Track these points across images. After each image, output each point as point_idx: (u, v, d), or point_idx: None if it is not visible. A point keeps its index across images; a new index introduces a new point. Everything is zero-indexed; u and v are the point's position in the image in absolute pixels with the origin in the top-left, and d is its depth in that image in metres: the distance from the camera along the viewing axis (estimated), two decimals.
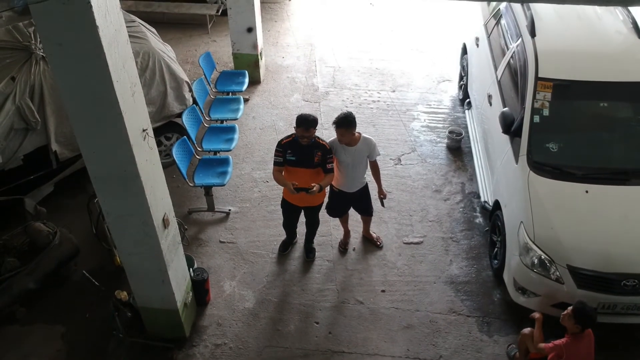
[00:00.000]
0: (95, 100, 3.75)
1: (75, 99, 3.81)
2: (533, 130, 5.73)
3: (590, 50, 6.13)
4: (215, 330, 5.66)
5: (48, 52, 3.60)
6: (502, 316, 5.80)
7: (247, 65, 8.78)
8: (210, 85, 8.05)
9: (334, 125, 5.58)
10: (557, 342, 4.76)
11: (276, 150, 5.60)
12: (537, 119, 5.75)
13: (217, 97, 7.97)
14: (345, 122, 5.52)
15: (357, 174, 5.86)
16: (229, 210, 6.91)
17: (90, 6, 3.28)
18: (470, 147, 7.61)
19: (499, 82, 6.69)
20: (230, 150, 7.05)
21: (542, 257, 5.22)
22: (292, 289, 6.10)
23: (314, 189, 5.39)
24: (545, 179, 5.54)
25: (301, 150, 5.50)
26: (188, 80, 7.16)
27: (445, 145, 7.87)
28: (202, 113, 7.44)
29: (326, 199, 6.12)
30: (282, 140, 5.63)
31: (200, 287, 5.71)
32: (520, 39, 6.38)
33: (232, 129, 7.32)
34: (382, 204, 6.21)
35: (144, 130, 4.14)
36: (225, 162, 6.83)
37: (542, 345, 4.83)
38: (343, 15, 10.84)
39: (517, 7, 6.78)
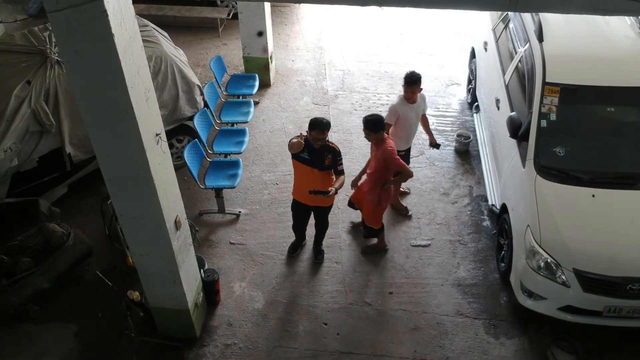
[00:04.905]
0: (110, 105, 3.84)
1: (90, 104, 3.90)
2: (540, 134, 5.77)
3: (598, 54, 6.16)
4: (225, 331, 5.75)
5: (65, 59, 3.69)
6: (509, 319, 5.85)
7: (258, 68, 8.87)
8: (221, 89, 8.15)
9: (407, 84, 6.18)
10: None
11: (301, 135, 5.53)
12: (544, 123, 5.80)
13: (227, 100, 8.06)
14: (419, 79, 6.16)
15: (416, 127, 6.57)
16: (239, 212, 7.00)
17: (107, 15, 3.37)
18: (478, 151, 7.66)
19: (506, 86, 6.74)
20: (240, 153, 7.15)
21: (549, 260, 5.27)
22: (301, 290, 6.18)
23: (331, 192, 5.49)
24: (552, 183, 5.59)
25: (313, 153, 5.59)
26: (199, 84, 7.25)
27: (453, 148, 7.92)
28: (213, 116, 7.53)
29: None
30: (305, 136, 5.58)
31: (210, 288, 5.81)
32: (528, 44, 6.43)
33: (242, 132, 7.41)
34: (438, 147, 6.96)
35: (157, 135, 4.23)
36: (235, 164, 6.92)
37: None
38: (352, 19, 10.90)
39: None
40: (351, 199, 6.52)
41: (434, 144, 6.93)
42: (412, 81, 6.21)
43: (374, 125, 5.73)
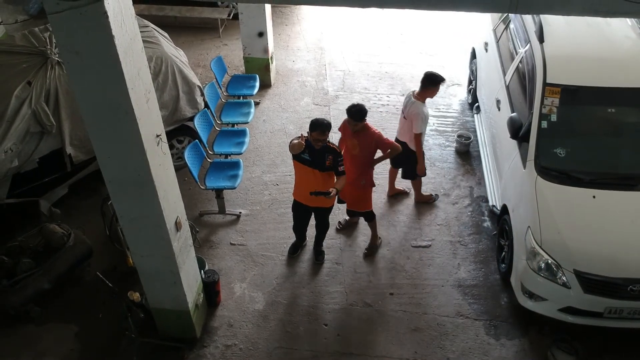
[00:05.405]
0: (110, 107, 3.84)
1: (91, 105, 3.91)
2: (541, 135, 5.77)
3: (599, 55, 6.15)
4: (225, 331, 5.76)
5: (65, 60, 3.70)
6: (509, 320, 5.85)
7: (258, 69, 8.87)
8: (221, 89, 8.14)
9: (434, 84, 6.38)
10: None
11: (302, 136, 5.57)
12: (544, 124, 5.79)
13: (228, 100, 8.06)
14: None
15: None
16: (240, 212, 7.00)
17: (107, 16, 3.37)
18: (478, 151, 7.65)
19: (507, 87, 6.73)
20: (241, 154, 7.15)
21: (549, 261, 5.27)
22: (301, 291, 6.18)
23: (332, 193, 5.49)
24: (553, 184, 5.58)
25: (314, 153, 5.59)
26: (200, 84, 7.25)
27: (454, 149, 7.91)
28: (214, 117, 7.54)
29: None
30: (306, 137, 5.60)
31: (211, 289, 5.81)
32: (528, 45, 6.42)
33: (243, 133, 7.42)
34: None
35: (157, 136, 4.23)
36: (236, 165, 6.93)
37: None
38: (353, 19, 10.89)
39: None
40: (340, 196, 6.51)
41: None
42: (439, 81, 6.40)
43: (358, 114, 5.77)
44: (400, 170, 7.03)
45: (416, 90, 6.46)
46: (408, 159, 6.67)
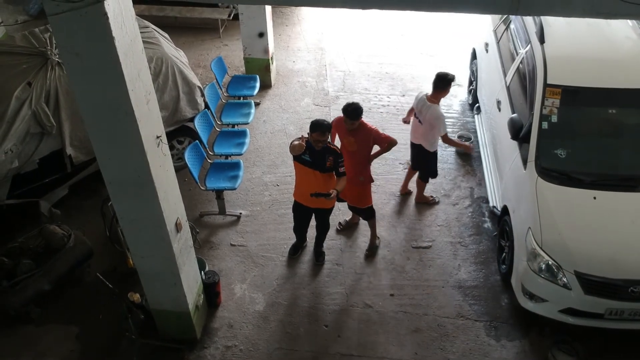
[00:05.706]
0: (110, 108, 3.84)
1: (91, 106, 3.90)
2: (541, 136, 5.76)
3: (599, 56, 6.15)
4: (226, 332, 5.75)
5: (65, 61, 3.70)
6: (510, 321, 5.84)
7: (258, 69, 8.87)
8: (221, 90, 8.14)
9: (448, 84, 6.30)
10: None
11: (302, 137, 5.60)
12: (545, 125, 5.79)
13: (228, 101, 8.05)
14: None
15: None
16: (240, 213, 7.00)
17: (107, 18, 3.37)
18: (479, 152, 7.65)
19: (507, 88, 6.72)
20: (241, 154, 7.15)
21: (550, 262, 5.26)
22: (301, 292, 6.17)
23: (333, 194, 5.48)
24: (553, 185, 5.58)
25: (314, 154, 5.59)
26: (200, 85, 7.24)
27: (454, 149, 7.90)
28: (214, 117, 7.53)
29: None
30: (306, 138, 5.62)
31: (211, 290, 5.80)
32: (529, 45, 6.41)
33: (243, 133, 7.41)
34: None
35: (158, 137, 4.23)
36: (236, 166, 6.92)
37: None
38: (353, 20, 10.87)
39: None
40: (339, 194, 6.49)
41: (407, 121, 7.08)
42: (452, 80, 6.33)
43: (354, 113, 5.77)
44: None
45: (428, 93, 6.40)
46: (424, 161, 6.74)
